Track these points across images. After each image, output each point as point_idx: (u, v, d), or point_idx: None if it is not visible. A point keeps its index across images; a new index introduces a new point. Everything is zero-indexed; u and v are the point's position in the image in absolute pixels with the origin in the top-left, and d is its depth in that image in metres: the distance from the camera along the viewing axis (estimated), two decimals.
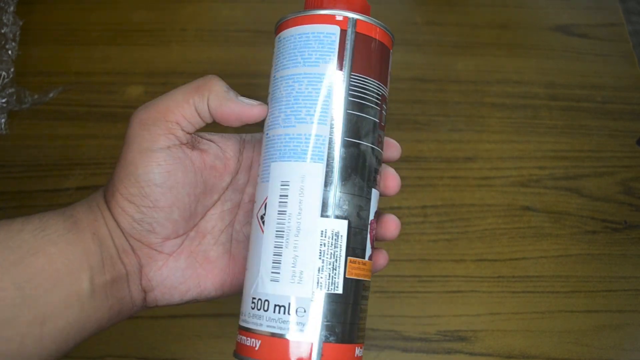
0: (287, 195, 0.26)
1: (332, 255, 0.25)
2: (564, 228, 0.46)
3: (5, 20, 0.53)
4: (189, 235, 0.30)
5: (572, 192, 0.48)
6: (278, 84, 0.28)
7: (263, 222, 0.26)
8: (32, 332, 0.24)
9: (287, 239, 0.25)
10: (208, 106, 0.28)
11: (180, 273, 0.29)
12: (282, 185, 0.26)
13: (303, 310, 0.24)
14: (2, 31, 0.53)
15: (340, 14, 0.27)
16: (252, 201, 0.31)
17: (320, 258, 0.25)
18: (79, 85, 0.53)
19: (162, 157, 0.27)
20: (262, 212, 0.26)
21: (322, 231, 0.25)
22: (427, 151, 0.49)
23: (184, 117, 0.28)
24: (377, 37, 0.28)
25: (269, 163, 0.27)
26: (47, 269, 0.25)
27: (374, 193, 0.27)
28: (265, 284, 0.25)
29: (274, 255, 0.25)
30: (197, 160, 0.29)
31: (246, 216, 0.31)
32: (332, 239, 0.25)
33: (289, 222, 0.25)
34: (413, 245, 0.45)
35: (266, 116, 0.28)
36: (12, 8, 0.54)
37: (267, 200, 0.26)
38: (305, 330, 0.24)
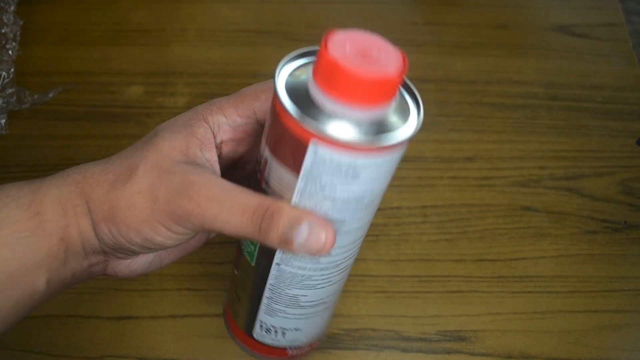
0: None
1: None
2: (564, 228, 0.46)
3: (5, 20, 0.53)
4: None
5: (572, 192, 0.48)
6: None
7: None
8: None
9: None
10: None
11: (147, 265, 0.29)
12: None
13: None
14: (3, 31, 0.53)
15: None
16: None
17: None
18: (79, 85, 0.53)
19: (186, 236, 0.26)
20: None
21: None
22: (427, 151, 0.49)
23: (213, 223, 0.26)
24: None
25: None
26: None
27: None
28: None
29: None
30: None
31: None
32: None
33: None
34: (413, 245, 0.45)
35: None
36: (12, 8, 0.54)
37: None
38: None
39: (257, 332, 0.32)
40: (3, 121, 0.49)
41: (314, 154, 0.21)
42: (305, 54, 0.24)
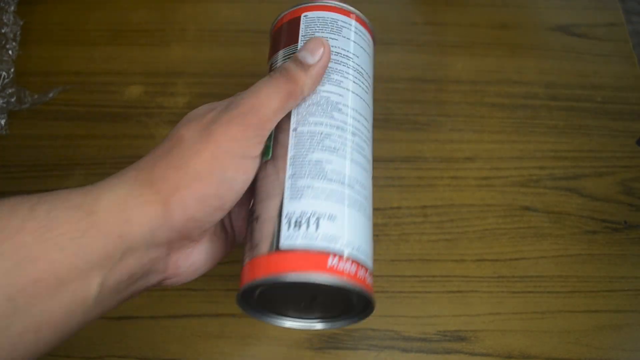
0: None
1: None
2: (564, 228, 0.46)
3: (5, 20, 0.53)
4: None
5: (572, 192, 0.48)
6: None
7: None
8: (26, 340, 0.22)
9: None
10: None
11: (205, 255, 0.29)
12: None
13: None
14: (3, 31, 0.53)
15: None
16: None
17: None
18: (79, 85, 0.53)
19: (250, 166, 0.27)
20: None
21: None
22: (427, 151, 0.49)
23: (277, 122, 0.28)
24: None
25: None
26: (46, 278, 0.22)
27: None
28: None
29: None
30: None
31: None
32: None
33: None
34: (413, 245, 0.45)
35: None
36: (12, 8, 0.54)
37: None
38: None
39: (285, 235, 0.27)
40: (3, 121, 0.49)
41: (305, 18, 0.33)
42: None
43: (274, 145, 0.29)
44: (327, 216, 0.27)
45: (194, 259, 0.29)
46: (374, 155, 0.33)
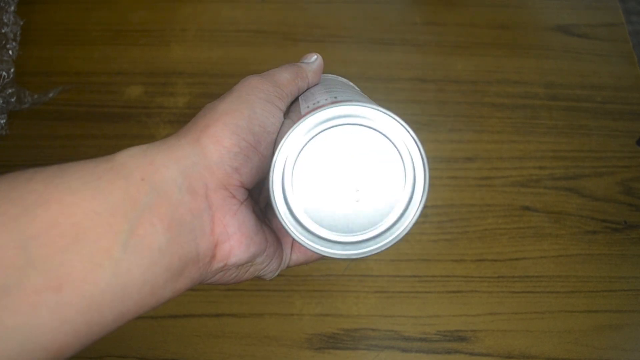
0: None
1: None
2: (564, 228, 0.46)
3: (5, 20, 0.53)
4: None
5: (572, 192, 0.48)
6: None
7: None
8: (46, 301, 0.19)
9: None
10: (307, 83, 0.31)
11: (254, 221, 0.25)
12: None
13: None
14: (3, 31, 0.53)
15: None
16: None
17: None
18: (79, 85, 0.53)
19: (276, 112, 0.27)
20: None
21: None
22: (427, 151, 0.49)
23: (289, 88, 0.30)
24: None
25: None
26: (60, 223, 0.20)
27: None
28: None
29: None
30: None
31: None
32: None
33: None
34: (413, 245, 0.45)
35: None
36: (12, 8, 0.54)
37: None
38: None
39: None
40: (3, 121, 0.49)
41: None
42: None
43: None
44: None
45: (243, 218, 0.25)
46: None
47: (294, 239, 0.24)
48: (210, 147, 0.24)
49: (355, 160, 0.25)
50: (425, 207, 0.25)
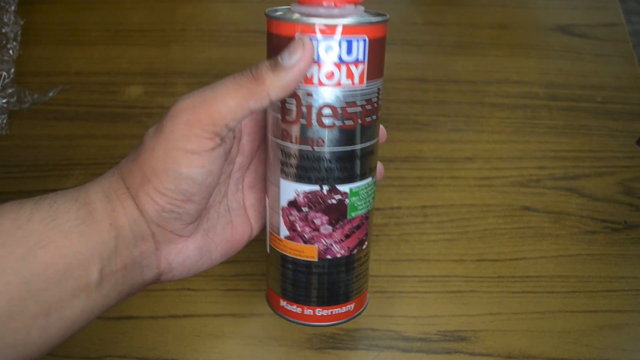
0: None
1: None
2: (564, 228, 0.46)
3: (6, 20, 0.53)
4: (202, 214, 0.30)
5: (572, 192, 0.48)
6: None
7: None
8: (38, 324, 0.24)
9: None
10: (270, 102, 0.27)
11: (198, 251, 0.30)
12: None
13: None
14: (3, 31, 0.53)
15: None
16: (240, 169, 0.33)
17: None
18: (79, 85, 0.53)
19: (206, 159, 0.27)
20: None
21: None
22: (427, 151, 0.49)
23: (235, 120, 0.27)
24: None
25: None
26: (56, 262, 0.25)
27: (282, 182, 0.30)
28: None
29: None
30: (228, 148, 0.29)
31: (236, 184, 0.32)
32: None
33: None
34: (413, 245, 0.45)
35: None
36: (13, 7, 0.54)
37: None
38: None
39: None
40: (4, 122, 0.49)
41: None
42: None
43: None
44: None
45: (187, 254, 0.29)
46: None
47: None
48: (148, 207, 0.27)
49: None
50: None
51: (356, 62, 0.28)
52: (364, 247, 0.32)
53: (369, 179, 0.31)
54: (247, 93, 0.26)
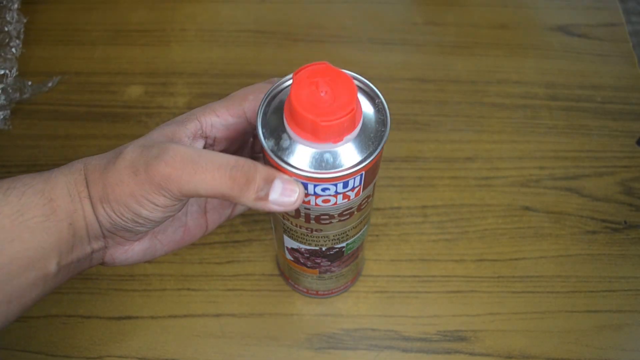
0: None
1: None
2: (564, 228, 0.46)
3: (9, 18, 0.53)
4: None
5: (572, 192, 0.48)
6: None
7: None
8: (0, 311, 0.27)
9: None
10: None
11: (143, 253, 0.32)
12: None
13: None
14: (6, 29, 0.53)
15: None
16: None
17: None
18: (79, 85, 0.53)
19: (170, 210, 0.28)
20: None
21: None
22: (427, 151, 0.49)
23: (206, 194, 0.27)
24: None
25: None
26: (20, 256, 0.26)
27: (286, 238, 0.34)
28: None
29: None
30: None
31: None
32: None
33: None
34: (413, 245, 0.45)
35: None
36: (16, 5, 0.54)
37: None
38: None
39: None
40: (7, 116, 0.49)
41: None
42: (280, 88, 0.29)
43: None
44: None
45: (131, 254, 0.31)
46: None
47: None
48: (104, 219, 0.28)
49: None
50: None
51: (352, 189, 0.28)
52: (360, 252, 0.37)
53: (364, 228, 0.34)
54: (230, 186, 0.26)
